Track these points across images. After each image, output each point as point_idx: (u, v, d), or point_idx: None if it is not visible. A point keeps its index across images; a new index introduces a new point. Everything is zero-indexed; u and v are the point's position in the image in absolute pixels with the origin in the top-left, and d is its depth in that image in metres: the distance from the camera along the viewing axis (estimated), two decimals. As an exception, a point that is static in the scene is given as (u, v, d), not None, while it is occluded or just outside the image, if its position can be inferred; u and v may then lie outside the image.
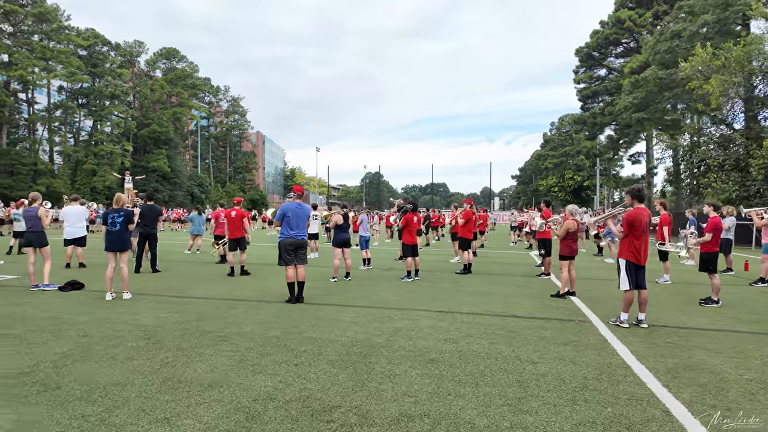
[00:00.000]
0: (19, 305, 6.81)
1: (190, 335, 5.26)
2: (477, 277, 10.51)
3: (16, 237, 14.50)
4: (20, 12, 47.66)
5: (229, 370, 4.13)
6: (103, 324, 5.74)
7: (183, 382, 3.83)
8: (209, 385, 3.77)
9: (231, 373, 4.04)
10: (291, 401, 3.46)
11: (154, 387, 3.72)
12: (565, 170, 77.16)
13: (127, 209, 7.68)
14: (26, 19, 48.93)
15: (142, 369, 4.13)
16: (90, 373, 4.03)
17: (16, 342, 4.93)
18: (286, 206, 7.26)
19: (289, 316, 6.32)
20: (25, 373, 4.01)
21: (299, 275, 7.26)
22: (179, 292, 8.10)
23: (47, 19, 49.62)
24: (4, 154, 46.45)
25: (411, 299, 7.66)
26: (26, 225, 8.23)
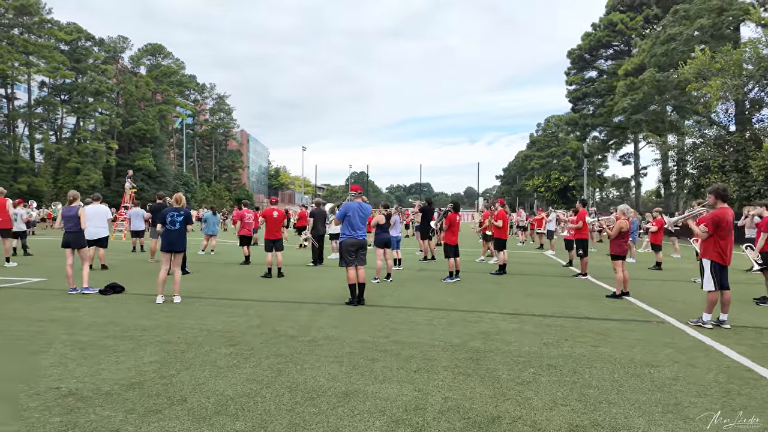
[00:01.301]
0: (71, 310, 6.44)
1: (277, 340, 5.01)
2: (512, 277, 10.42)
3: (15, 237, 13.86)
4: (1, 4, 46.02)
5: (351, 377, 3.91)
6: (174, 329, 5.44)
7: (315, 391, 3.60)
8: (345, 394, 3.55)
9: (356, 381, 3.82)
10: (445, 412, 3.27)
11: (287, 397, 3.48)
12: (551, 171, 78.05)
13: (187, 209, 7.34)
14: (7, 12, 47.28)
15: (259, 378, 3.88)
16: (204, 383, 3.76)
17: (102, 351, 4.61)
18: (347, 205, 7.04)
19: (362, 319, 6.10)
20: (137, 384, 3.72)
21: (360, 276, 7.04)
22: (227, 295, 7.79)
23: (29, 11, 48.06)
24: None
25: (470, 301, 7.50)
26: (65, 225, 7.82)
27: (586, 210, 10.74)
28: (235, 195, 78.95)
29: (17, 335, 5.11)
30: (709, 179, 22.47)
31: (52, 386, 3.66)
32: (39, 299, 7.17)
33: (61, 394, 3.50)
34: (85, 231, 10.66)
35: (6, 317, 5.95)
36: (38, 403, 3.34)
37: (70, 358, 4.36)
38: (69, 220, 7.76)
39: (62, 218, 7.88)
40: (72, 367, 4.10)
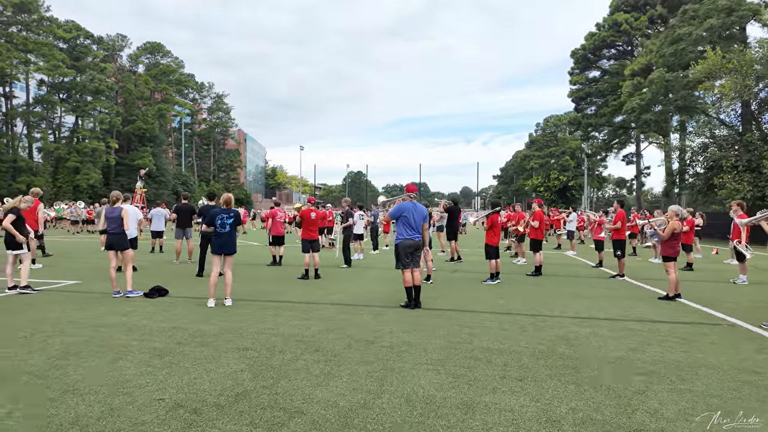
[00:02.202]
0: (125, 315, 6.25)
1: (357, 346, 4.86)
2: (550, 279, 10.33)
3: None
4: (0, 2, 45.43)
5: (459, 387, 3.77)
6: (245, 335, 5.28)
7: (432, 402, 3.45)
8: (465, 405, 3.41)
9: (467, 391, 3.68)
10: (580, 424, 3.13)
11: (406, 408, 3.33)
12: (551, 170, 78.16)
13: (236, 209, 7.16)
14: (5, 9, 46.66)
15: (364, 387, 3.73)
16: (309, 393, 3.61)
17: (183, 359, 4.44)
18: (402, 206, 6.89)
19: (429, 323, 5.95)
20: (242, 395, 3.56)
21: (415, 279, 6.89)
22: (274, 297, 7.63)
23: (28, 9, 47.50)
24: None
25: (525, 304, 7.38)
26: (108, 226, 7.62)
27: (624, 210, 10.63)
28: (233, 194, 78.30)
29: (87, 341, 4.92)
30: (723, 179, 22.52)
31: (153, 397, 3.50)
32: (84, 303, 6.97)
33: (168, 406, 3.34)
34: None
35: (64, 322, 5.75)
36: (151, 417, 3.18)
37: (154, 366, 4.19)
38: (112, 221, 7.57)
39: (105, 219, 7.67)
40: (162, 377, 3.93)
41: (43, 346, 4.76)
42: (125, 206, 10.28)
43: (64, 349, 4.67)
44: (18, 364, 4.19)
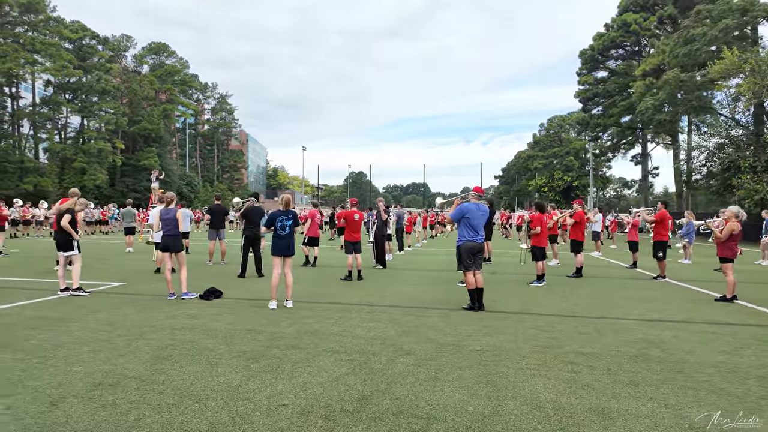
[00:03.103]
0: (191, 317, 6.18)
1: (448, 350, 4.79)
2: (591, 280, 10.29)
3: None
4: (7, 1, 45.25)
5: (577, 392, 3.71)
6: (322, 336, 5.22)
7: (562, 409, 3.39)
8: (600, 411, 3.35)
9: (589, 397, 3.62)
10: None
11: (540, 415, 3.28)
12: (555, 171, 78.11)
13: (294, 211, 7.10)
14: (12, 9, 46.51)
15: (480, 392, 3.67)
16: (430, 398, 3.55)
17: (281, 363, 4.38)
18: (466, 207, 6.82)
19: (503, 326, 5.89)
20: (364, 400, 3.50)
21: (478, 281, 6.83)
22: (330, 299, 7.56)
23: (35, 9, 47.34)
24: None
25: (586, 306, 7.34)
26: (163, 228, 7.55)
27: (666, 211, 10.57)
28: (237, 195, 78.35)
29: (172, 345, 4.86)
30: (741, 179, 22.49)
31: (275, 403, 3.44)
32: (142, 305, 6.90)
33: (296, 413, 3.28)
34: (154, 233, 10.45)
35: (136, 325, 5.68)
36: (286, 423, 3.12)
37: (254, 370, 4.13)
38: (168, 222, 7.50)
39: (160, 221, 7.60)
40: (270, 381, 3.87)
41: (132, 350, 4.70)
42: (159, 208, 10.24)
43: (154, 353, 4.60)
44: (119, 369, 4.13)
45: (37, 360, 4.34)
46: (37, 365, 4.20)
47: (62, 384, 3.77)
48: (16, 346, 4.76)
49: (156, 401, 3.45)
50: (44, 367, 4.15)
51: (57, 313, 6.27)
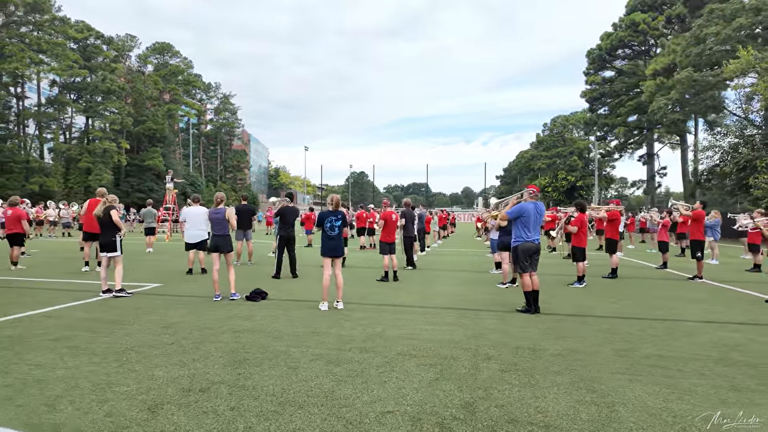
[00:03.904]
0: (246, 318, 6.07)
1: (530, 355, 4.69)
2: (627, 281, 10.21)
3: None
4: (12, 1, 45.08)
5: (732, 401, 3.59)
6: (390, 339, 5.12)
7: (684, 417, 3.29)
8: (720, 418, 3.25)
9: (746, 406, 3.50)
10: None
11: (685, 425, 3.17)
12: (558, 171, 77.98)
13: (342, 211, 6.98)
14: (17, 9, 46.33)
15: (594, 400, 3.56)
16: (539, 404, 3.45)
17: (364, 367, 4.27)
18: (524, 206, 6.71)
19: (571, 328, 5.79)
20: (469, 406, 3.40)
21: (534, 283, 6.72)
22: (376, 300, 7.45)
23: (41, 8, 47.17)
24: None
25: (641, 307, 7.24)
26: (213, 228, 7.43)
27: (703, 210, 10.47)
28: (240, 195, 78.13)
29: (243, 348, 4.74)
30: (758, 179, 22.40)
31: (380, 410, 3.33)
32: (191, 307, 6.78)
33: (406, 420, 3.17)
34: (184, 234, 10.36)
35: (195, 327, 5.57)
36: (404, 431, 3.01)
37: (340, 375, 4.03)
38: (217, 223, 7.37)
39: (209, 221, 7.49)
40: (362, 386, 3.76)
41: (203, 353, 4.58)
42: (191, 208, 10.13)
43: (228, 356, 4.49)
44: (200, 373, 4.02)
45: (116, 364, 4.23)
46: (117, 370, 4.09)
47: (151, 389, 3.66)
48: (86, 349, 4.65)
49: (256, 408, 3.35)
50: (125, 372, 4.04)
51: (109, 315, 6.16)
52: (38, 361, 4.28)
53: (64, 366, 4.17)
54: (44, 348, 4.68)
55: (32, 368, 4.10)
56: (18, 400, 3.41)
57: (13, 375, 3.93)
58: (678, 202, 11.46)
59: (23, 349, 4.62)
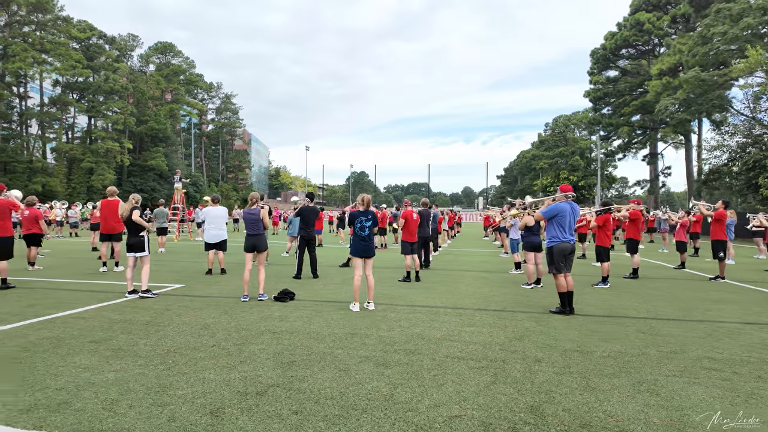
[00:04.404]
0: (280, 320, 6.00)
1: (581, 358, 4.63)
2: (650, 281, 10.14)
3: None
4: (15, 1, 44.94)
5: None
6: (430, 341, 5.05)
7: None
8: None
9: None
10: None
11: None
12: (560, 170, 77.94)
13: (372, 211, 6.91)
14: (20, 9, 46.20)
15: (666, 404, 3.50)
16: (612, 410, 3.38)
17: (423, 371, 4.20)
18: (560, 206, 6.65)
19: (611, 331, 5.73)
20: (535, 410, 3.34)
21: (569, 284, 6.66)
22: (406, 302, 7.38)
23: (43, 8, 47.03)
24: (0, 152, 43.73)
25: (669, 308, 7.18)
26: (247, 228, 7.36)
27: (725, 210, 10.42)
28: (242, 195, 78.09)
29: (287, 351, 4.68)
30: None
31: (446, 414, 3.27)
32: (223, 308, 6.70)
33: (476, 425, 3.11)
34: (204, 234, 10.29)
35: (233, 328, 5.50)
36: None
37: (392, 377, 3.96)
38: (252, 222, 7.30)
39: (243, 220, 7.42)
40: (419, 390, 3.70)
41: (248, 355, 4.52)
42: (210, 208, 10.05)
43: (275, 359, 4.43)
44: (252, 376, 3.95)
45: (162, 366, 4.16)
46: (166, 373, 4.02)
47: (207, 392, 3.60)
48: (129, 351, 4.58)
49: (320, 412, 3.28)
50: (174, 375, 3.97)
51: (142, 317, 6.09)
52: (84, 364, 4.21)
53: (111, 369, 4.10)
54: (87, 350, 4.61)
55: (80, 371, 4.03)
56: (75, 404, 3.35)
57: (63, 378, 3.86)
58: (699, 202, 11.38)
59: (66, 352, 4.55)
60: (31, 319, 5.86)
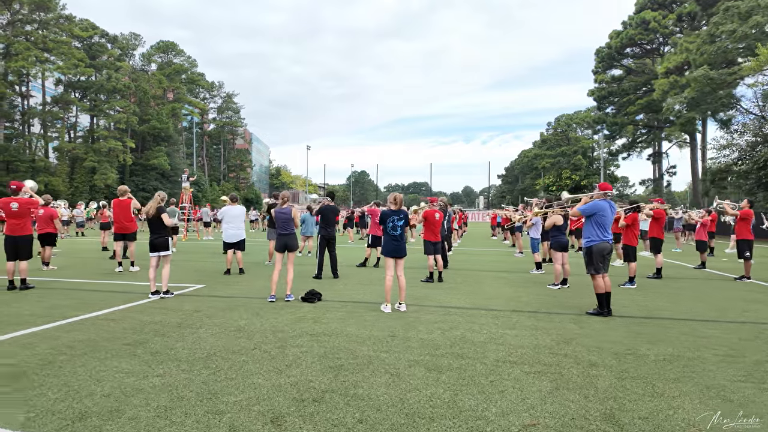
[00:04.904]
0: (315, 321, 5.84)
1: (640, 362, 4.48)
2: (674, 281, 9.99)
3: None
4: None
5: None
6: (475, 343, 4.90)
7: None
8: None
9: None
10: None
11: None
12: (563, 169, 77.74)
13: (405, 210, 6.76)
14: (23, 7, 45.95)
15: (756, 412, 3.35)
16: (689, 417, 3.22)
17: (479, 376, 4.05)
18: (600, 204, 6.49)
19: (656, 333, 5.58)
20: (609, 419, 3.18)
21: (607, 285, 6.50)
22: (436, 302, 7.24)
23: (46, 7, 46.79)
24: (2, 151, 43.52)
25: (705, 308, 7.03)
26: (278, 227, 7.20)
27: (750, 209, 10.27)
28: (243, 194, 77.93)
29: (331, 354, 4.53)
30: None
31: (519, 422, 3.12)
32: (252, 309, 6.55)
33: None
34: (223, 233, 10.13)
35: (268, 331, 5.35)
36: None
37: (448, 383, 3.81)
38: (284, 222, 7.14)
39: (275, 219, 7.26)
40: (485, 397, 3.55)
41: (293, 359, 4.37)
42: (229, 207, 9.88)
43: (321, 362, 4.28)
44: (303, 381, 3.80)
45: (207, 372, 4.00)
46: (213, 378, 3.86)
47: (261, 399, 3.45)
48: (167, 355, 4.43)
49: (385, 420, 3.13)
50: (222, 380, 3.81)
51: (172, 318, 5.93)
52: (125, 368, 4.05)
53: (154, 374, 3.94)
54: (125, 354, 4.45)
55: (123, 376, 3.87)
56: (127, 412, 3.19)
57: (107, 383, 3.70)
58: (723, 202, 11.23)
59: (104, 356, 4.40)
60: (58, 321, 5.70)
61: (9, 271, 7.82)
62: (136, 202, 10.56)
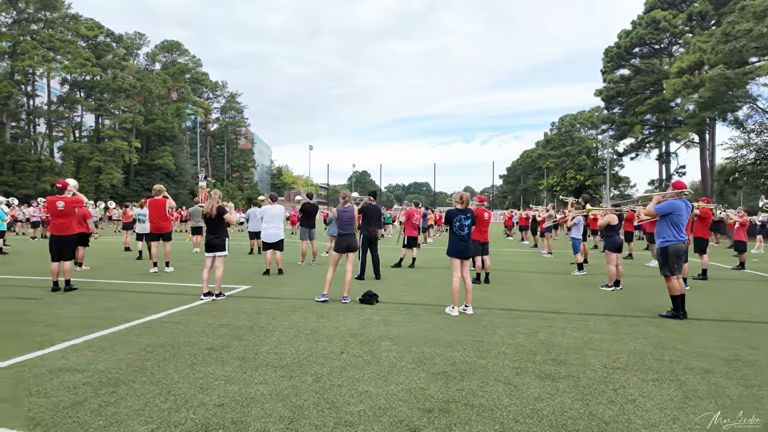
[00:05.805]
0: (384, 324, 5.62)
1: (746, 366, 4.27)
2: (721, 283, 9.83)
3: (139, 239, 12.82)
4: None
5: None
6: (575, 351, 4.69)
7: None
8: None
9: None
10: None
11: None
12: (567, 170, 77.59)
13: (471, 209, 6.54)
14: (28, 6, 45.66)
15: None
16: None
17: (582, 382, 3.84)
18: (676, 203, 6.28)
19: (747, 338, 5.37)
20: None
21: (681, 286, 6.29)
22: (502, 305, 7.01)
23: (52, 6, 46.52)
24: (9, 150, 43.22)
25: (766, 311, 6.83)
26: (341, 228, 7.00)
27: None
28: (247, 194, 77.64)
29: (428, 360, 4.32)
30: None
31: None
32: (311, 310, 6.32)
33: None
34: (262, 233, 9.91)
35: (347, 334, 5.12)
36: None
37: (573, 393, 3.60)
38: (346, 221, 6.93)
39: (338, 219, 7.05)
40: (621, 409, 3.33)
41: (390, 365, 4.16)
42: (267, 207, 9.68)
43: (421, 369, 4.08)
44: (415, 389, 3.59)
45: (310, 379, 3.79)
46: (320, 385, 3.64)
47: (385, 408, 3.24)
48: (258, 360, 4.21)
49: (490, 426, 2.91)
50: (330, 387, 3.60)
51: (239, 321, 5.71)
52: (223, 375, 3.83)
53: (256, 381, 3.72)
54: (212, 359, 4.23)
55: (224, 383, 3.65)
56: (253, 425, 2.97)
57: (213, 392, 3.48)
58: (731, 211, 11.05)
59: (191, 361, 4.17)
60: (122, 324, 5.48)
61: (54, 272, 7.59)
62: (171, 201, 10.35)
